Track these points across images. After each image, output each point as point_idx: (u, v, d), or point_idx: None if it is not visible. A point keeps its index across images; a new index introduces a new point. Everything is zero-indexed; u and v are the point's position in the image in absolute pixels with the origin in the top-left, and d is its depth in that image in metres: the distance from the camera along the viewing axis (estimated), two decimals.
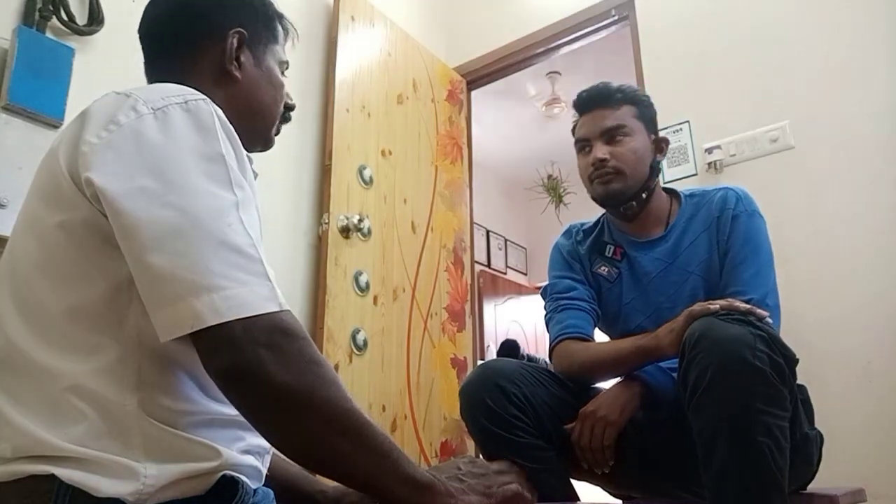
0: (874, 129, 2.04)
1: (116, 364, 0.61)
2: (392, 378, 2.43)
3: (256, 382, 0.58)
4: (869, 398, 1.87)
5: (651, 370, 1.19)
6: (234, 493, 0.63)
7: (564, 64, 3.73)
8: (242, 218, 0.63)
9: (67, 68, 1.70)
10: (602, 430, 1.15)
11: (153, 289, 0.59)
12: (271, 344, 0.59)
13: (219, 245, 0.60)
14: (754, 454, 0.88)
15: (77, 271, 0.64)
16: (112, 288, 0.63)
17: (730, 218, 1.28)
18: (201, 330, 0.57)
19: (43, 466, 0.57)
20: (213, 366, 0.59)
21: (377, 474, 0.64)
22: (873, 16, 2.11)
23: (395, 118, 2.73)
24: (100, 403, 0.60)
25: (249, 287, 0.60)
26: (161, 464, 0.60)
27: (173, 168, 0.62)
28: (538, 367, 1.27)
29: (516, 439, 1.15)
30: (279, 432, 0.62)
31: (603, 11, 2.78)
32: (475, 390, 1.19)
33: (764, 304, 1.15)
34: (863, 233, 1.99)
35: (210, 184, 0.63)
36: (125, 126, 0.64)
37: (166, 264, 0.58)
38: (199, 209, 0.61)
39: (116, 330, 0.62)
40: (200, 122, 0.66)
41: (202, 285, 0.58)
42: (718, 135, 2.32)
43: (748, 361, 0.90)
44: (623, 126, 1.34)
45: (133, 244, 0.60)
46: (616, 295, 1.37)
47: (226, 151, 0.66)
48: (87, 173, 0.61)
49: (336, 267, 2.29)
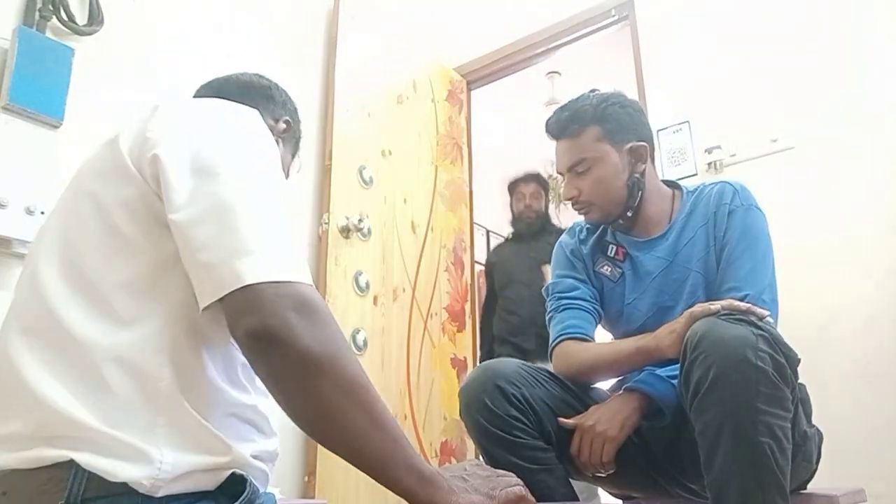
0: (874, 129, 2.04)
1: (155, 335, 0.65)
2: (392, 378, 2.43)
3: (283, 344, 0.61)
4: (869, 398, 1.87)
5: (650, 380, 1.18)
6: (242, 490, 0.64)
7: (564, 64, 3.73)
8: (283, 205, 0.70)
9: (67, 68, 1.70)
10: (601, 446, 1.14)
11: (199, 255, 0.64)
12: (300, 310, 0.62)
13: (261, 221, 0.66)
14: (756, 454, 0.88)
15: (131, 246, 0.68)
16: (159, 262, 0.68)
17: (726, 213, 1.26)
18: (236, 291, 0.61)
19: (62, 451, 0.59)
20: (243, 326, 0.61)
21: (386, 456, 0.65)
22: (873, 15, 2.11)
23: (395, 118, 2.73)
24: (133, 375, 0.63)
25: (285, 257, 0.65)
26: (177, 451, 0.61)
27: (227, 153, 0.70)
28: (538, 367, 1.27)
29: (515, 439, 1.15)
30: (298, 398, 0.63)
31: (603, 11, 2.78)
32: (474, 391, 1.19)
33: (760, 301, 1.13)
34: (862, 233, 1.99)
35: (258, 170, 0.71)
36: (187, 117, 0.73)
37: (213, 233, 0.64)
38: (247, 190, 0.68)
39: (159, 302, 0.66)
40: (252, 124, 0.76)
41: (244, 250, 0.63)
42: (718, 135, 2.32)
43: (750, 362, 0.90)
44: (583, 160, 1.31)
45: (184, 212, 0.65)
46: (619, 294, 1.36)
47: (272, 148, 0.76)
48: (154, 150, 0.68)
49: (336, 267, 2.29)
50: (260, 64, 2.39)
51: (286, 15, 2.51)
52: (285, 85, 1.11)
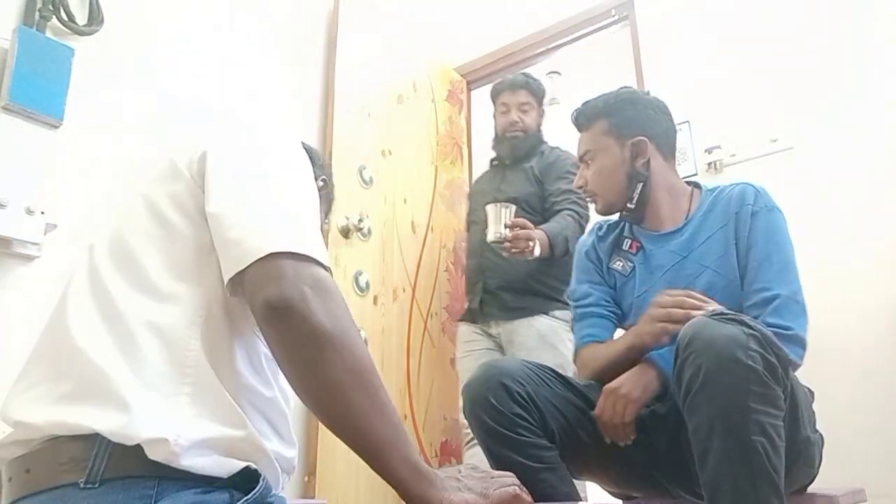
0: (874, 129, 2.04)
1: (189, 311, 0.69)
2: (392, 378, 2.43)
3: (298, 316, 0.64)
4: (869, 398, 1.87)
5: (664, 354, 1.20)
6: (255, 484, 0.64)
7: (564, 64, 3.73)
8: (313, 205, 0.77)
9: (67, 68, 1.70)
10: (623, 407, 1.18)
11: (229, 233, 0.69)
12: (316, 287, 0.66)
13: (293, 211, 0.73)
14: (749, 453, 0.89)
15: (175, 232, 0.74)
16: (197, 248, 0.73)
17: (749, 214, 1.28)
18: (257, 262, 0.65)
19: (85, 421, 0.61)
20: (262, 294, 0.65)
21: (384, 442, 0.66)
22: (873, 15, 2.11)
23: (395, 118, 2.73)
24: (164, 340, 0.67)
25: (308, 238, 0.70)
26: (196, 419, 0.64)
27: (271, 157, 0.78)
28: (542, 366, 1.28)
29: (519, 437, 1.15)
30: (306, 372, 0.65)
31: (603, 11, 2.78)
32: (478, 388, 1.20)
33: (794, 302, 1.18)
34: (862, 233, 1.99)
35: (297, 177, 0.78)
36: (238, 129, 0.82)
37: (245, 215, 0.70)
38: (285, 188, 0.75)
39: (197, 283, 0.71)
40: (296, 146, 0.84)
41: (271, 225, 0.69)
42: (718, 135, 2.32)
43: (741, 361, 0.91)
44: (588, 150, 1.43)
45: (221, 202, 0.72)
46: (630, 288, 1.39)
47: (306, 159, 0.82)
48: (204, 149, 0.77)
49: (336, 267, 2.29)
50: (260, 64, 2.40)
51: (286, 15, 2.51)
52: (285, 85, 1.12)
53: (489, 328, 2.27)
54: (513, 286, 2.20)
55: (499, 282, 2.23)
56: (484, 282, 2.28)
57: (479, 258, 2.30)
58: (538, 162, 2.35)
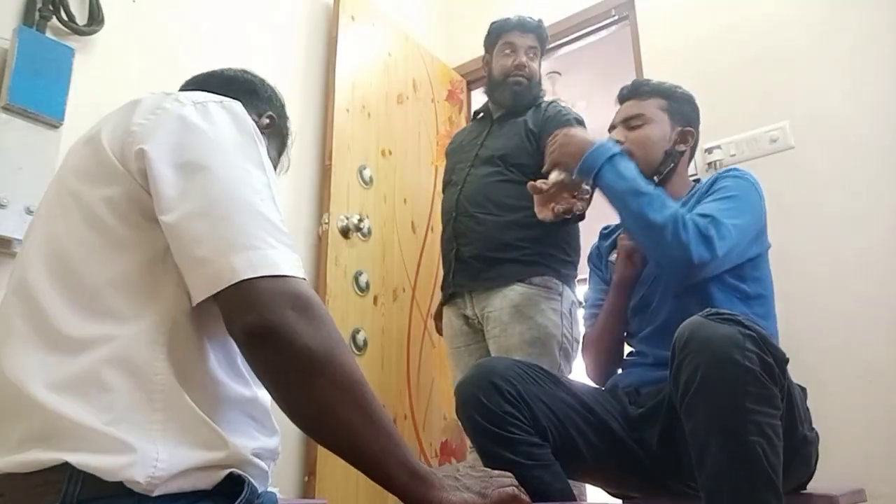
0: (874, 129, 2.04)
1: (150, 331, 0.64)
2: (392, 378, 2.43)
3: (281, 342, 0.61)
4: (869, 398, 1.87)
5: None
6: (241, 491, 0.64)
7: (564, 64, 3.73)
8: (273, 197, 0.70)
9: (67, 68, 1.70)
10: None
11: (193, 251, 0.64)
12: (296, 306, 0.63)
13: (255, 214, 0.66)
14: (747, 453, 0.89)
15: (119, 243, 0.67)
16: (149, 258, 0.67)
17: (714, 179, 1.37)
18: (232, 287, 0.61)
19: (57, 454, 0.58)
20: (241, 322, 0.62)
21: (380, 453, 0.66)
22: (874, 15, 2.11)
23: (395, 118, 2.73)
24: (128, 372, 0.62)
25: (280, 251, 0.65)
26: (173, 447, 0.60)
27: (214, 146, 0.70)
28: (532, 365, 1.29)
29: (511, 436, 1.15)
30: (294, 394, 0.64)
31: (603, 11, 2.78)
32: (469, 387, 1.21)
33: (719, 222, 1.20)
34: (862, 233, 1.99)
35: (247, 163, 0.70)
36: (170, 111, 0.72)
37: (207, 228, 0.64)
38: (238, 182, 0.68)
39: (152, 299, 0.66)
40: (236, 116, 0.75)
41: (240, 244, 0.63)
42: (718, 135, 2.31)
43: (738, 362, 0.91)
44: (641, 115, 1.47)
45: (175, 213, 0.65)
46: None
47: (258, 141, 0.74)
48: (140, 146, 0.68)
49: (336, 267, 2.29)
50: (260, 64, 2.40)
51: (286, 15, 2.51)
52: (285, 85, 1.11)
53: (465, 309, 2.02)
54: (486, 253, 1.95)
55: (472, 249, 1.98)
56: (456, 249, 2.02)
57: (454, 223, 2.04)
58: (533, 115, 2.08)
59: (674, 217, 1.18)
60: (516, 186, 1.92)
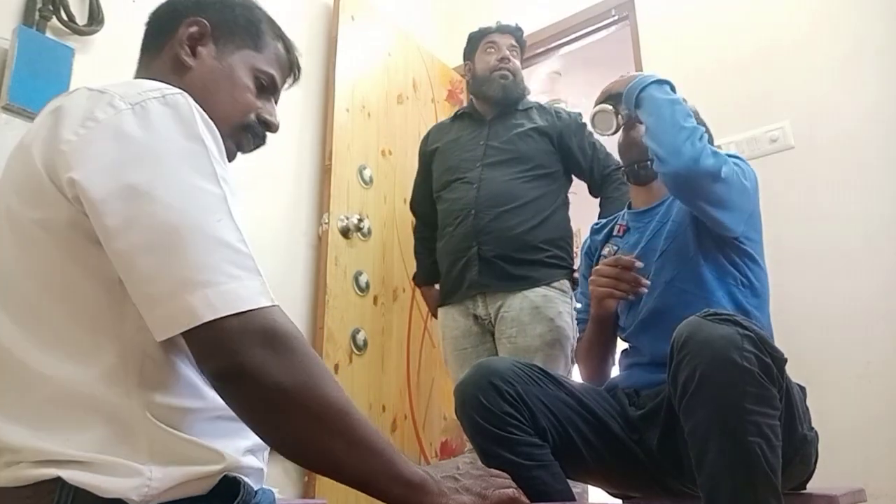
0: (874, 129, 2.04)
1: (118, 365, 0.61)
2: (392, 378, 2.43)
3: (252, 383, 0.59)
4: (868, 398, 1.87)
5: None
6: (236, 493, 0.63)
7: (564, 64, 3.73)
8: (231, 212, 0.62)
9: (67, 68, 1.70)
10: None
11: (145, 288, 0.59)
12: (265, 342, 0.59)
13: (209, 240, 0.59)
14: (746, 454, 0.89)
15: (66, 272, 0.62)
16: (104, 287, 0.62)
17: None
18: (195, 329, 0.57)
19: (47, 470, 0.57)
20: (209, 367, 0.60)
21: (370, 473, 0.65)
22: (873, 16, 2.11)
23: (395, 118, 2.73)
24: (104, 409, 0.59)
25: (241, 281, 0.59)
26: (166, 467, 0.59)
27: (157, 163, 0.61)
28: (532, 365, 1.29)
29: (510, 436, 1.15)
30: (274, 432, 0.63)
31: (603, 11, 2.78)
32: (469, 388, 1.21)
33: (727, 160, 1.25)
34: (862, 233, 1.99)
35: (196, 178, 0.62)
36: (104, 122, 0.62)
37: (157, 263, 0.58)
38: (187, 205, 0.60)
39: (115, 328, 0.62)
40: (180, 115, 0.65)
41: (196, 281, 0.57)
42: (718, 135, 2.30)
43: (736, 362, 0.91)
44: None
45: (121, 245, 0.59)
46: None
47: (208, 144, 0.65)
48: (69, 174, 0.60)
49: (336, 267, 2.29)
50: None
51: (286, 15, 2.48)
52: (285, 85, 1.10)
53: (475, 308, 2.01)
54: (513, 254, 1.94)
55: (496, 248, 1.95)
56: (479, 248, 1.97)
57: (474, 219, 1.98)
58: (541, 116, 2.12)
59: (697, 129, 1.25)
60: (538, 188, 2.00)
